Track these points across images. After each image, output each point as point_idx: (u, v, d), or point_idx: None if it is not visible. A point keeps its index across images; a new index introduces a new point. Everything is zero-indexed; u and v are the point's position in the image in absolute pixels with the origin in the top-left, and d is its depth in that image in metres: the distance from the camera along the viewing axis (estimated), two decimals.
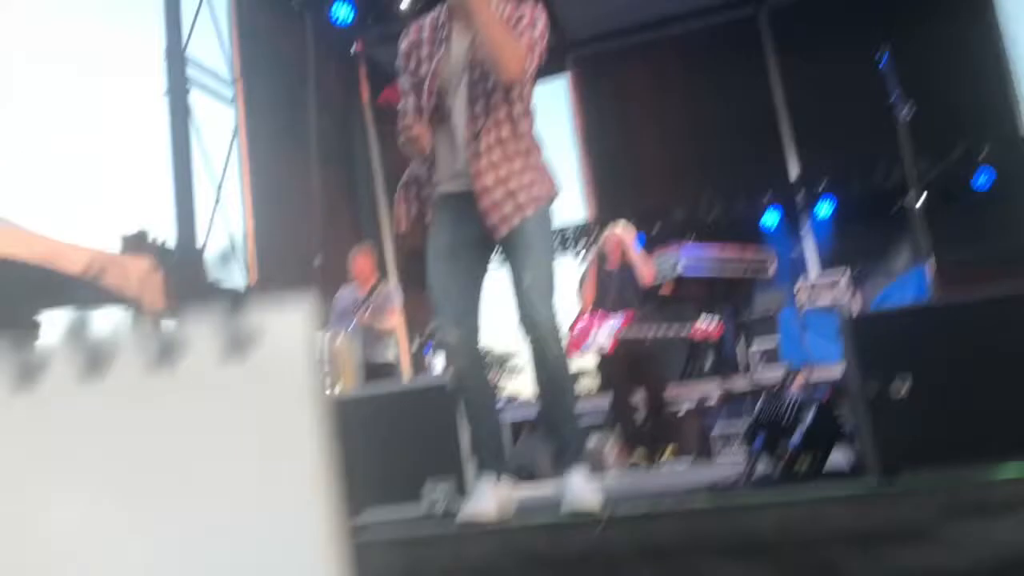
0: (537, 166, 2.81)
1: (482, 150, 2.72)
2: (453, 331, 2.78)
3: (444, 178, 2.80)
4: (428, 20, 2.92)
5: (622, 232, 6.35)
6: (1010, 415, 2.17)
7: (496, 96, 2.71)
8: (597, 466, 2.87)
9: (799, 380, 5.14)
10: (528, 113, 2.81)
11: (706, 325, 6.40)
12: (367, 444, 3.12)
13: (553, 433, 2.77)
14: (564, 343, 2.80)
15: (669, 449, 5.95)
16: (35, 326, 6.03)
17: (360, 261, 6.24)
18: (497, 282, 2.98)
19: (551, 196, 2.83)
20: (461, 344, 2.78)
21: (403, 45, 2.94)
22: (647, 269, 6.22)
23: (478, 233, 2.76)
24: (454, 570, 2.21)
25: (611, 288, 6.17)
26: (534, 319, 2.70)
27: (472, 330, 2.82)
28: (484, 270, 2.92)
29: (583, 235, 11.20)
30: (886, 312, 2.69)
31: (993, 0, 10.46)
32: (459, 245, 2.80)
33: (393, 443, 3.11)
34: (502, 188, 2.70)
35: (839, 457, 2.63)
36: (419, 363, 9.31)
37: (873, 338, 2.29)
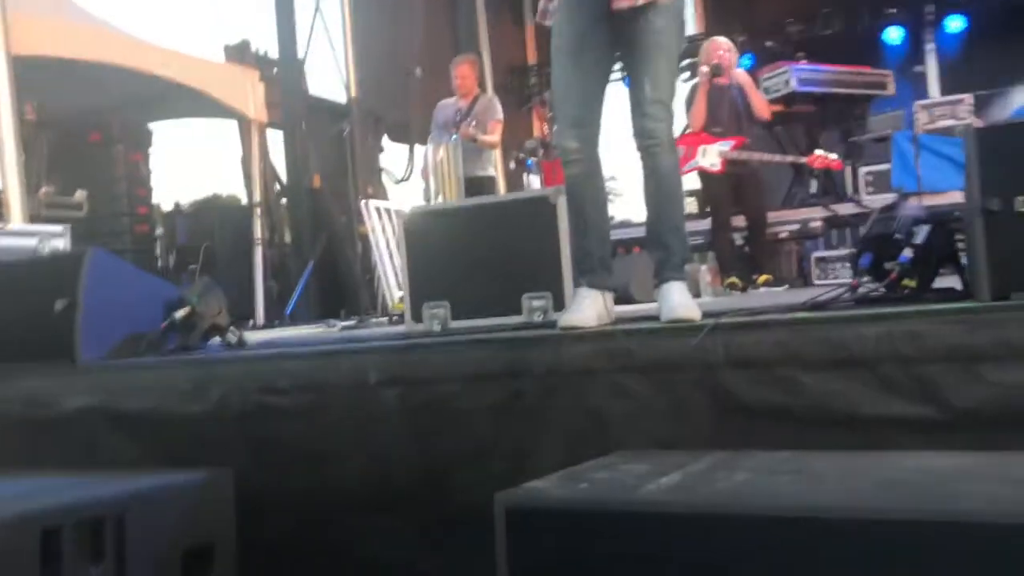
0: None
1: None
2: (571, 133, 2.76)
3: None
4: None
5: (724, 46, 6.01)
6: None
7: None
8: (691, 289, 2.89)
9: (913, 201, 4.95)
10: None
11: (826, 155, 6.12)
12: (469, 256, 3.21)
13: (657, 247, 2.78)
14: (678, 154, 2.78)
15: (764, 276, 5.91)
16: (148, 134, 6.29)
17: (462, 71, 6.15)
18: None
19: None
20: (579, 148, 2.76)
21: None
22: (763, 107, 5.93)
23: (605, 26, 2.68)
24: (554, 369, 2.33)
25: (721, 109, 5.93)
26: (649, 128, 2.68)
27: (592, 134, 2.79)
28: (608, 71, 2.86)
29: (691, 52, 10.71)
30: (1015, 124, 2.53)
31: None
32: (585, 41, 2.71)
33: (494, 255, 3.18)
34: None
35: (950, 280, 2.58)
36: (515, 181, 9.35)
37: (1000, 152, 2.18)
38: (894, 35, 9.78)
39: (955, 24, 9.57)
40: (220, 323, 3.21)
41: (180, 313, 3.13)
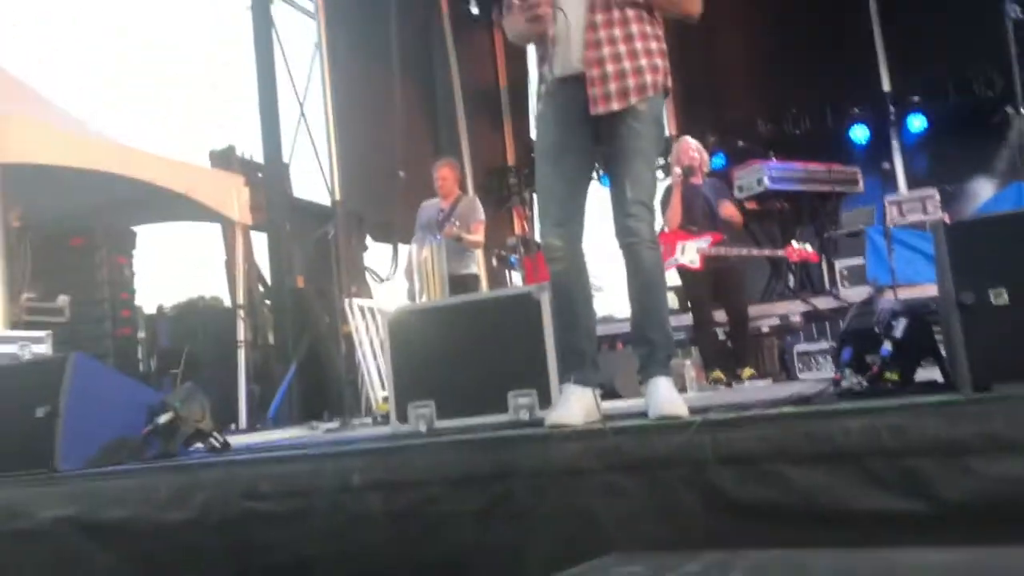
0: (652, 52, 2.78)
1: (599, 24, 2.71)
2: (555, 232, 2.82)
3: (554, 64, 2.77)
4: None
5: (693, 146, 6.19)
6: None
7: None
8: (676, 384, 2.90)
9: (889, 295, 5.04)
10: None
11: (803, 248, 6.25)
12: (455, 354, 3.21)
13: (642, 343, 2.80)
14: (660, 251, 2.83)
15: (749, 369, 5.94)
16: (132, 236, 6.30)
17: (443, 174, 6.28)
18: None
19: (663, 87, 2.81)
20: (563, 247, 2.82)
21: None
22: (736, 218, 6.09)
23: (586, 129, 2.77)
24: (542, 469, 2.31)
25: (695, 207, 6.07)
26: (632, 227, 2.74)
27: (575, 233, 2.85)
28: (590, 172, 2.94)
29: (663, 152, 11.02)
30: (983, 219, 2.62)
31: None
32: (567, 144, 2.80)
33: (479, 353, 3.19)
34: (613, 65, 2.70)
35: (930, 373, 2.62)
36: (499, 278, 9.43)
37: (969, 246, 2.25)
38: (860, 133, 10.16)
39: (916, 123, 9.97)
40: (203, 428, 3.18)
41: (163, 418, 3.11)
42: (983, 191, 8.82)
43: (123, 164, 6.25)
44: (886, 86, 10.46)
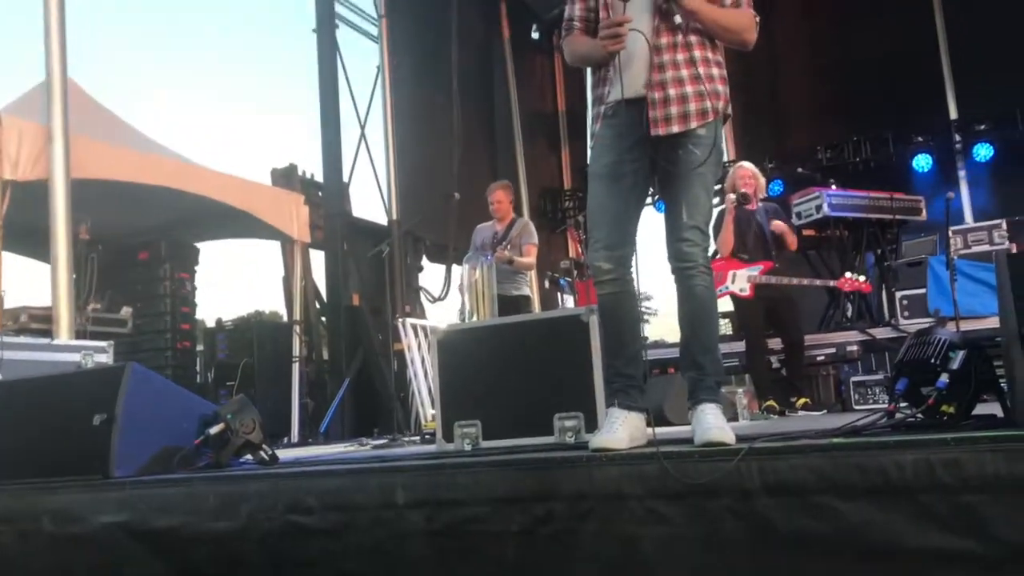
0: (714, 77, 2.78)
1: (664, 48, 2.72)
2: (605, 256, 2.81)
3: (615, 86, 2.76)
4: None
5: (750, 172, 6.11)
6: None
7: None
8: (727, 413, 2.84)
9: (949, 326, 4.90)
10: None
11: (855, 278, 6.12)
12: (502, 375, 3.21)
13: (691, 368, 2.77)
14: (711, 278, 2.80)
15: (802, 400, 5.81)
16: (195, 252, 6.48)
17: (498, 196, 6.31)
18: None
19: (723, 113, 2.80)
20: (612, 269, 2.80)
21: None
22: (791, 239, 5.99)
23: (643, 152, 2.76)
24: (584, 493, 2.29)
25: (749, 235, 5.99)
26: (685, 252, 2.72)
27: (625, 256, 2.83)
28: (644, 197, 2.93)
29: (722, 178, 10.95)
30: None
31: None
32: (622, 166, 2.79)
33: (526, 374, 3.18)
34: (675, 88, 2.70)
35: (989, 406, 2.53)
36: (551, 300, 9.43)
37: None
38: (923, 162, 9.95)
39: (983, 152, 9.73)
40: (253, 440, 3.23)
41: (214, 429, 3.16)
42: None
43: (187, 181, 6.44)
44: (952, 114, 10.25)
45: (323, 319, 8.37)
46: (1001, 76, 9.45)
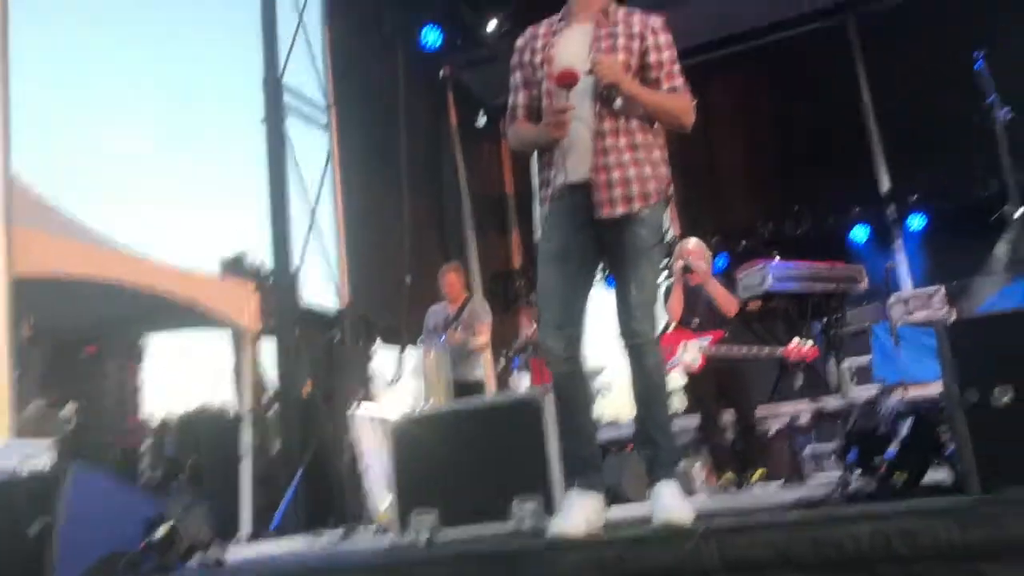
0: (656, 161, 2.86)
1: (607, 133, 2.79)
2: (555, 335, 2.82)
3: (560, 171, 2.84)
4: (543, 23, 3.02)
5: (696, 247, 6.25)
6: None
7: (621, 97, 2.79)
8: (685, 488, 2.83)
9: (895, 394, 4.98)
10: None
11: (801, 346, 6.23)
12: (458, 460, 3.18)
13: (646, 445, 2.78)
14: (662, 353, 2.83)
15: (759, 472, 5.83)
16: (142, 347, 6.30)
17: (450, 279, 6.35)
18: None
19: (666, 194, 2.87)
20: (563, 349, 2.82)
21: (518, 42, 3.04)
22: (728, 303, 6.09)
23: (589, 234, 2.81)
24: None
25: (698, 305, 6.10)
26: (635, 328, 2.76)
27: (575, 337, 2.86)
28: (592, 277, 2.97)
29: (667, 252, 11.14)
30: (985, 317, 2.62)
31: None
32: (570, 247, 2.84)
33: (482, 459, 3.15)
34: (619, 172, 2.77)
35: (938, 473, 2.57)
36: (504, 381, 9.39)
37: (972, 345, 2.25)
38: (861, 233, 10.30)
39: (917, 222, 10.11)
40: (202, 541, 3.12)
41: (160, 531, 3.05)
42: (988, 288, 8.83)
43: (134, 274, 6.35)
44: (885, 186, 10.65)
45: (274, 410, 8.21)
46: (928, 148, 9.90)
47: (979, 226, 8.71)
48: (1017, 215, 4.88)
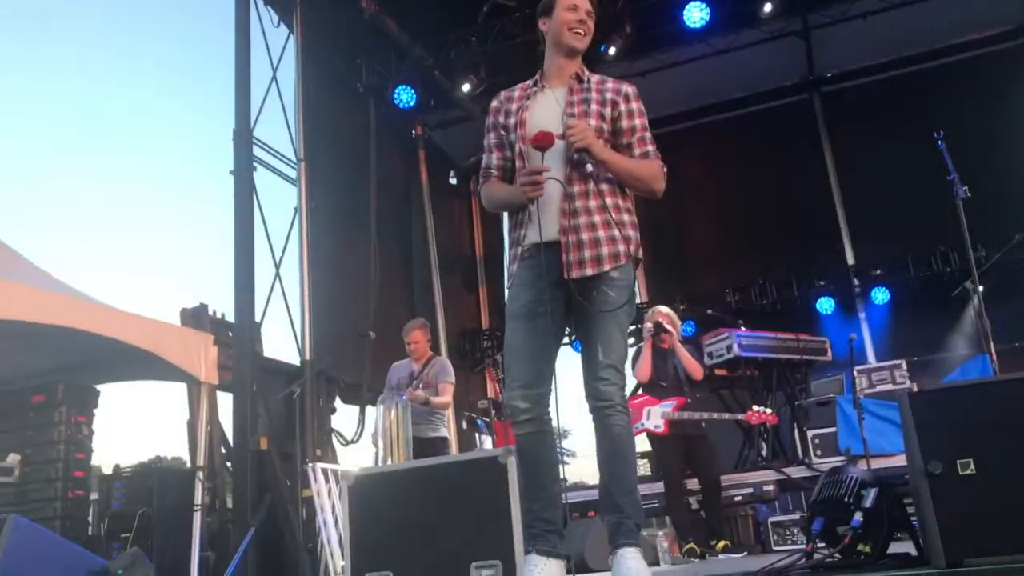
0: (624, 223, 2.86)
1: (576, 195, 2.80)
2: (521, 395, 2.78)
3: (530, 230, 2.84)
4: (518, 87, 3.05)
5: (667, 313, 6.31)
6: None
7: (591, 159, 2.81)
8: (648, 557, 2.77)
9: (860, 464, 4.98)
10: None
11: (763, 410, 6.28)
12: (417, 521, 3.08)
13: (611, 510, 2.72)
14: (629, 417, 2.80)
15: (722, 542, 5.78)
16: (95, 394, 6.12)
17: (415, 335, 6.28)
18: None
19: (635, 255, 2.87)
20: (529, 409, 2.78)
21: (493, 104, 3.06)
22: (694, 367, 6.14)
23: (558, 294, 2.79)
24: None
25: (666, 369, 6.11)
26: (602, 391, 2.73)
27: (542, 396, 2.82)
28: (560, 337, 2.95)
29: (636, 316, 11.21)
30: (947, 388, 2.62)
31: None
32: (538, 307, 2.82)
33: (442, 520, 3.06)
34: (588, 233, 2.78)
35: (903, 544, 2.54)
36: (467, 442, 9.28)
37: (935, 416, 2.25)
38: (826, 305, 10.45)
39: (880, 296, 10.29)
40: None
41: None
42: (950, 362, 8.97)
43: (89, 320, 6.19)
44: (850, 260, 10.86)
45: (228, 464, 8.00)
46: (892, 225, 10.16)
47: (941, 301, 8.91)
48: (977, 294, 4.96)
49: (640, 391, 6.17)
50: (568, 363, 3.27)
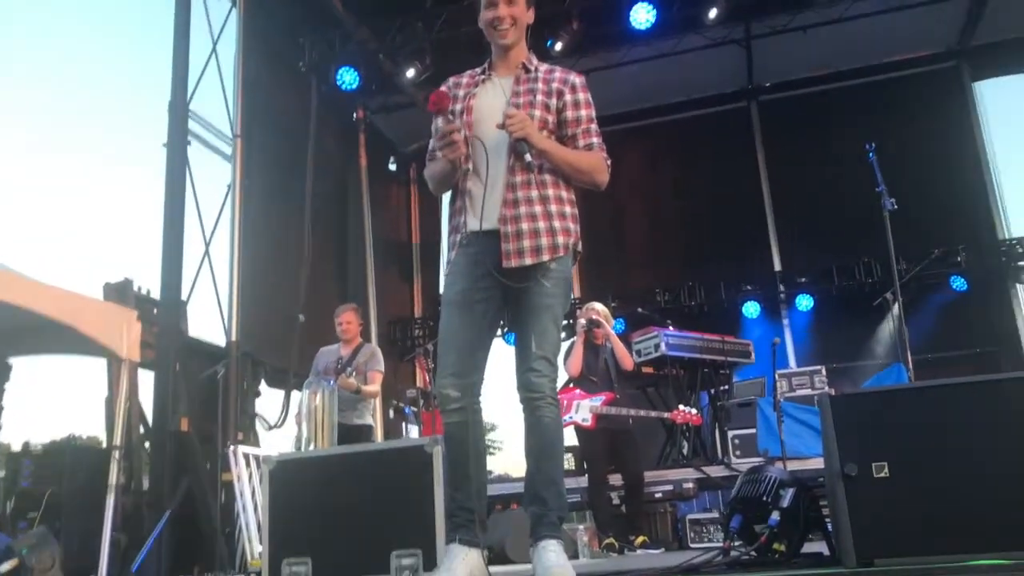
0: (566, 215, 2.86)
1: (518, 185, 2.79)
2: (452, 383, 2.77)
3: (470, 217, 2.82)
4: (466, 74, 3.02)
5: (602, 309, 6.38)
6: (986, 504, 2.18)
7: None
8: (568, 550, 2.80)
9: (778, 464, 5.12)
10: None
11: (687, 410, 6.40)
12: (338, 508, 3.05)
13: (534, 502, 2.72)
14: (559, 409, 2.80)
15: (641, 537, 5.87)
16: (6, 368, 5.87)
17: (346, 317, 6.20)
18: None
19: (573, 249, 2.86)
20: (459, 398, 2.76)
21: (441, 88, 3.03)
22: (626, 357, 6.24)
23: (494, 283, 2.78)
24: None
25: (596, 364, 6.18)
26: (534, 382, 2.72)
27: (473, 384, 2.80)
28: (495, 327, 2.93)
29: (570, 314, 11.29)
30: (866, 392, 2.71)
31: (974, 109, 10.87)
32: (474, 295, 2.80)
33: (364, 508, 3.03)
34: (528, 223, 2.76)
35: (817, 544, 2.61)
36: (393, 430, 9.21)
37: (853, 419, 2.31)
38: (751, 309, 10.69)
39: (804, 303, 10.58)
40: None
41: (5, 566, 2.81)
42: (868, 370, 9.28)
43: (4, 290, 5.94)
44: (777, 266, 11.12)
45: (147, 445, 7.78)
46: (819, 234, 10.46)
47: (862, 311, 9.21)
48: (896, 304, 5.13)
49: (571, 384, 6.22)
50: (498, 356, 3.27)
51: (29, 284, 6.31)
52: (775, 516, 2.41)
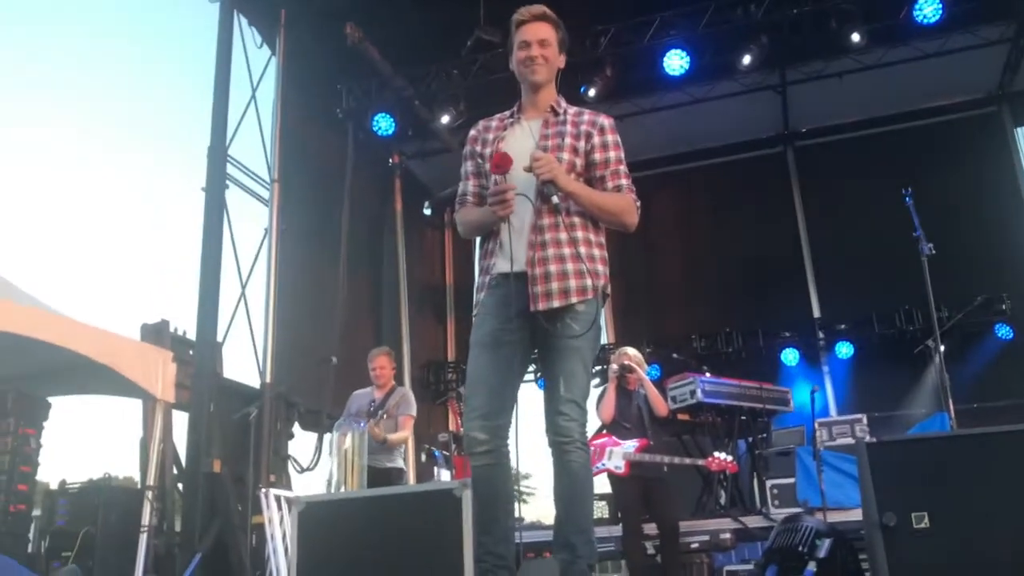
0: (595, 257, 2.84)
1: (546, 227, 2.79)
2: (480, 425, 2.74)
3: (500, 259, 2.83)
4: (496, 117, 3.05)
5: (635, 355, 6.32)
6: None
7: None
8: None
9: (816, 515, 4.98)
10: None
11: (723, 457, 6.27)
12: (366, 551, 3.02)
13: (563, 549, 2.67)
14: (588, 454, 2.76)
15: None
16: (46, 406, 5.93)
17: (380, 362, 6.22)
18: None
19: (602, 292, 2.84)
20: (487, 440, 2.73)
21: (471, 132, 3.06)
22: (660, 402, 6.16)
23: (523, 325, 2.76)
24: None
25: (630, 410, 6.09)
26: (563, 426, 2.69)
27: (501, 427, 2.77)
28: (523, 369, 2.91)
29: (603, 359, 11.21)
30: (905, 440, 2.63)
31: (1016, 154, 10.72)
32: (502, 336, 2.79)
33: (392, 552, 2.99)
34: (556, 265, 2.75)
35: None
36: (425, 474, 9.15)
37: (892, 467, 2.24)
38: (790, 356, 10.53)
39: (844, 350, 10.40)
40: None
41: None
42: (909, 419, 9.05)
43: (43, 329, 6.05)
44: (816, 313, 10.97)
45: (179, 486, 7.80)
46: (858, 280, 10.31)
47: (903, 359, 9.02)
48: (938, 353, 5.01)
49: (603, 431, 6.14)
50: (533, 403, 3.23)
51: (68, 323, 6.43)
52: (811, 567, 2.33)
